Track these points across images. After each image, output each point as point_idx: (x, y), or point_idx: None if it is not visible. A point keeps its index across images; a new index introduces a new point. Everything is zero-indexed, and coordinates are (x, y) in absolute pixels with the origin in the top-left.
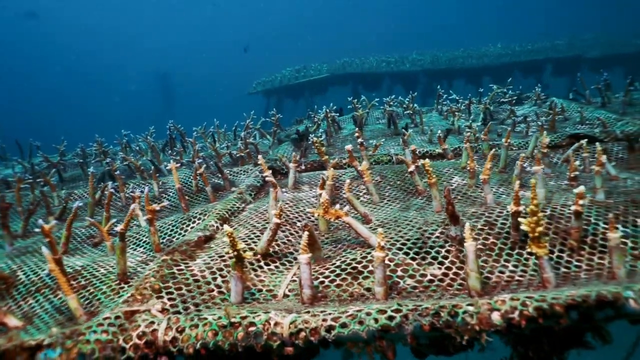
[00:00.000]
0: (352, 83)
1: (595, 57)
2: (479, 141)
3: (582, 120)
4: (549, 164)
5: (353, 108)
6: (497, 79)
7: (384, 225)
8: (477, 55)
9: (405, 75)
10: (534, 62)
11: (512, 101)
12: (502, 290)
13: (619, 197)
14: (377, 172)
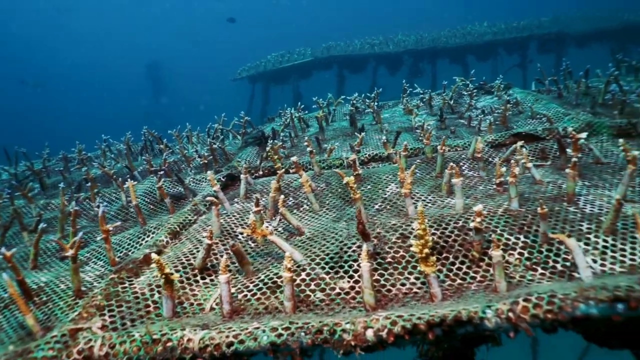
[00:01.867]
0: (336, 67)
1: (580, 33)
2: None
3: (532, 114)
4: (484, 167)
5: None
6: (481, 57)
7: (313, 238)
8: (461, 34)
9: (389, 57)
10: (518, 40)
11: (473, 94)
12: (396, 304)
13: (532, 204)
14: (324, 178)
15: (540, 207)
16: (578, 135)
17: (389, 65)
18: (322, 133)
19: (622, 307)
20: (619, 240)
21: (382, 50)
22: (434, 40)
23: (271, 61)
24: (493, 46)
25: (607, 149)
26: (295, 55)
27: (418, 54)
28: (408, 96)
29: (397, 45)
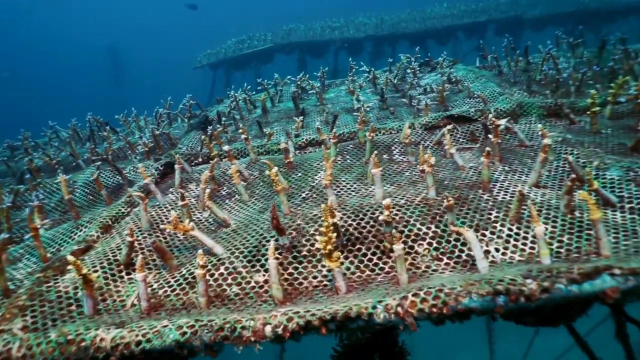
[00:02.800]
0: (297, 52)
1: (535, 17)
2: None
3: (470, 94)
4: (413, 152)
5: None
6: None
7: (237, 230)
8: (421, 18)
9: (350, 42)
10: (477, 24)
11: (416, 71)
12: (305, 297)
13: (451, 191)
14: (260, 165)
15: (446, 199)
16: (497, 122)
17: (350, 49)
18: (265, 115)
19: (503, 300)
20: (523, 229)
21: (343, 35)
22: (394, 25)
23: (231, 47)
24: (452, 30)
25: (534, 131)
26: (255, 41)
27: (378, 39)
28: (354, 75)
29: (358, 30)
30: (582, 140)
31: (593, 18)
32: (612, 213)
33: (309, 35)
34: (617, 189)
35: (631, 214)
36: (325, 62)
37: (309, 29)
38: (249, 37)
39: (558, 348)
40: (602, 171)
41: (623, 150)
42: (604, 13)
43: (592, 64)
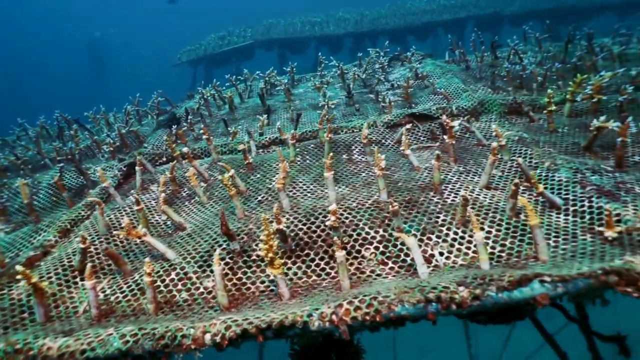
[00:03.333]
0: (277, 48)
1: (514, 13)
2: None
3: (434, 91)
4: (371, 152)
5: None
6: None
7: (192, 234)
8: (401, 14)
9: (330, 38)
10: (457, 20)
11: (384, 66)
12: (250, 302)
13: (402, 194)
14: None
15: (391, 205)
16: (451, 123)
17: (330, 46)
18: (232, 113)
19: (435, 308)
20: (468, 232)
21: (323, 31)
22: (374, 21)
23: (211, 44)
24: (432, 27)
25: (492, 129)
26: (235, 37)
27: (358, 36)
28: (323, 69)
29: (338, 26)
30: (538, 139)
31: (570, 14)
32: (557, 215)
33: (289, 32)
34: (564, 191)
35: (574, 217)
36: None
37: (289, 24)
38: (229, 32)
39: (538, 339)
40: (552, 172)
41: (576, 149)
42: (581, 9)
43: (558, 59)
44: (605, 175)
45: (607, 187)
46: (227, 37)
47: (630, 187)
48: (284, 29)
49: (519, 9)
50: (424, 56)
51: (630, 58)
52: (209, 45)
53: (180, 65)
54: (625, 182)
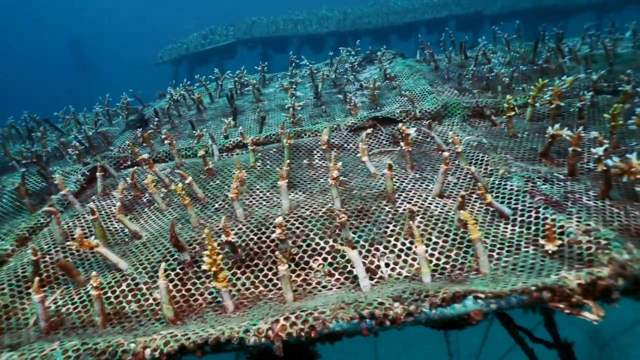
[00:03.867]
0: (260, 47)
1: (495, 13)
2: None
3: (401, 92)
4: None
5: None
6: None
7: (146, 243)
8: (384, 13)
9: (312, 38)
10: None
11: (354, 66)
12: (196, 314)
13: (355, 202)
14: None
15: (339, 217)
16: (407, 131)
17: (313, 44)
18: (200, 114)
19: (369, 324)
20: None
21: (306, 30)
22: (357, 20)
23: (193, 43)
24: (414, 26)
25: (455, 133)
26: (217, 36)
27: (341, 35)
28: (294, 68)
29: (320, 25)
30: (497, 144)
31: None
32: (505, 226)
33: (271, 30)
34: (515, 201)
35: (520, 228)
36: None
37: (271, 22)
38: (211, 31)
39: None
40: (505, 181)
41: (533, 155)
42: (562, 8)
43: (526, 60)
44: (556, 185)
45: (555, 197)
46: (210, 36)
47: (578, 198)
48: (266, 28)
49: (500, 9)
50: (395, 55)
51: (597, 59)
52: (191, 44)
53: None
54: (574, 191)
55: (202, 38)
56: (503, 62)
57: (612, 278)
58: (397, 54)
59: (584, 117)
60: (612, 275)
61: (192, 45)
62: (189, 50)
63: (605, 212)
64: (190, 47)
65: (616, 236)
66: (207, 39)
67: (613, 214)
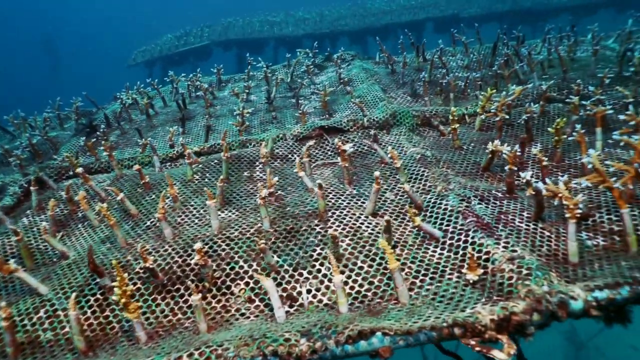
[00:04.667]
0: (236, 48)
1: (472, 15)
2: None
3: (352, 99)
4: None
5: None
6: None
7: (71, 264)
8: (361, 15)
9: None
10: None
11: (311, 69)
12: (108, 344)
13: (286, 221)
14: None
15: (257, 243)
16: (343, 147)
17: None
18: (149, 120)
19: None
20: (340, 267)
21: (282, 32)
22: (334, 22)
23: (167, 44)
24: (392, 28)
25: (401, 143)
26: (192, 37)
27: (318, 37)
28: (250, 71)
29: (297, 27)
30: (441, 157)
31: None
32: (433, 249)
33: (246, 32)
34: (447, 221)
35: (448, 252)
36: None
37: (247, 24)
38: (186, 32)
39: None
40: (441, 199)
41: (476, 169)
42: (538, 11)
43: (484, 63)
44: (492, 204)
45: (487, 219)
46: (184, 37)
47: (510, 219)
48: (241, 29)
49: (477, 11)
50: (353, 57)
51: (555, 64)
52: (164, 46)
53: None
54: (508, 212)
55: (176, 40)
56: (462, 65)
57: (526, 313)
58: (356, 56)
59: (530, 129)
60: (526, 310)
61: (165, 47)
62: (162, 52)
63: (536, 235)
64: (164, 48)
65: (539, 265)
66: (181, 40)
67: (544, 237)
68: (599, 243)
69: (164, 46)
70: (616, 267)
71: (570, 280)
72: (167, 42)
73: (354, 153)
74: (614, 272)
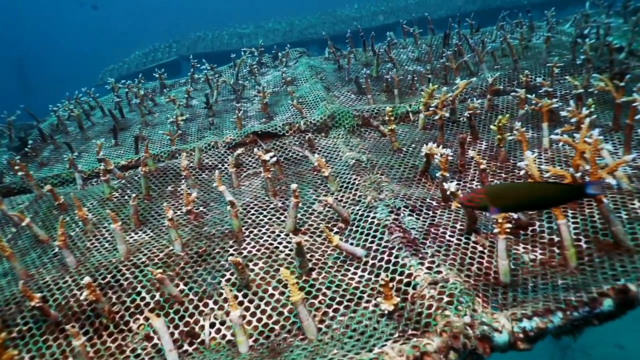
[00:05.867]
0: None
1: (442, 17)
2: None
3: (293, 100)
4: (194, 184)
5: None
6: None
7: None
8: (331, 22)
9: None
10: (386, 27)
11: (253, 70)
12: None
13: (200, 243)
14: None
15: (153, 273)
16: (264, 157)
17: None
18: (83, 132)
19: None
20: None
21: (251, 43)
22: (303, 31)
23: (135, 61)
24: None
25: (338, 147)
26: (160, 53)
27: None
28: (194, 73)
29: (267, 37)
30: (377, 161)
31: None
32: (353, 271)
33: (215, 45)
34: (372, 237)
35: (369, 275)
36: None
37: (216, 37)
38: (154, 48)
39: None
40: (369, 211)
41: (413, 174)
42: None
43: (433, 55)
44: (423, 215)
45: (415, 234)
46: (152, 54)
47: (440, 234)
48: (210, 43)
49: (447, 12)
50: (301, 54)
51: (508, 53)
52: (132, 63)
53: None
54: (440, 224)
55: (144, 56)
56: (412, 58)
57: (440, 353)
58: (304, 53)
59: (474, 127)
60: (440, 349)
61: (133, 65)
62: (130, 69)
63: (467, 251)
64: (132, 66)
65: (463, 290)
66: (149, 57)
67: (475, 253)
68: (537, 257)
69: (132, 64)
70: (551, 287)
71: (498, 305)
72: (135, 59)
73: (288, 160)
74: (547, 295)
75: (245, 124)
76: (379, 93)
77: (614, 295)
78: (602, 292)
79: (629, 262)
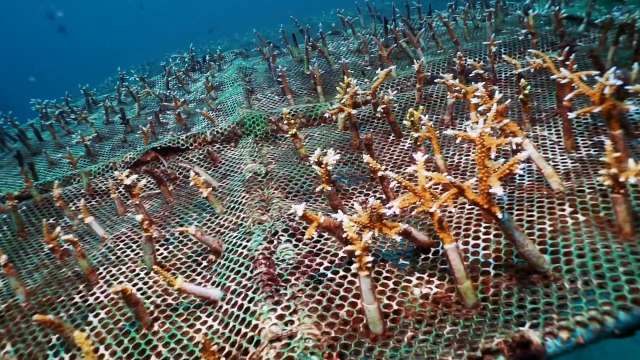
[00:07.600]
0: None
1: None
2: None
3: (211, 107)
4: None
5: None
6: None
7: None
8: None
9: None
10: None
11: (180, 77)
12: None
13: (49, 288)
14: None
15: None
16: (125, 181)
17: None
18: (29, 148)
19: None
20: None
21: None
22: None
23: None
24: None
25: (243, 158)
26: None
27: None
28: (124, 85)
29: None
30: (277, 172)
31: None
32: (204, 319)
33: None
34: (235, 273)
35: (219, 325)
36: None
37: None
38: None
39: None
40: (244, 238)
41: (314, 185)
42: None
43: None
44: (305, 240)
45: (280, 268)
46: None
47: (315, 265)
48: None
49: None
50: (237, 55)
51: (463, 33)
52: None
53: None
54: (318, 253)
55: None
56: (352, 49)
57: None
58: (241, 54)
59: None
60: None
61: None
62: None
63: (341, 288)
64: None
65: (314, 347)
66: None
67: (350, 291)
68: (431, 292)
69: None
70: (433, 339)
71: None
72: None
73: (181, 179)
74: (421, 352)
75: (161, 137)
76: (309, 92)
77: (508, 351)
78: (488, 348)
79: (543, 294)
